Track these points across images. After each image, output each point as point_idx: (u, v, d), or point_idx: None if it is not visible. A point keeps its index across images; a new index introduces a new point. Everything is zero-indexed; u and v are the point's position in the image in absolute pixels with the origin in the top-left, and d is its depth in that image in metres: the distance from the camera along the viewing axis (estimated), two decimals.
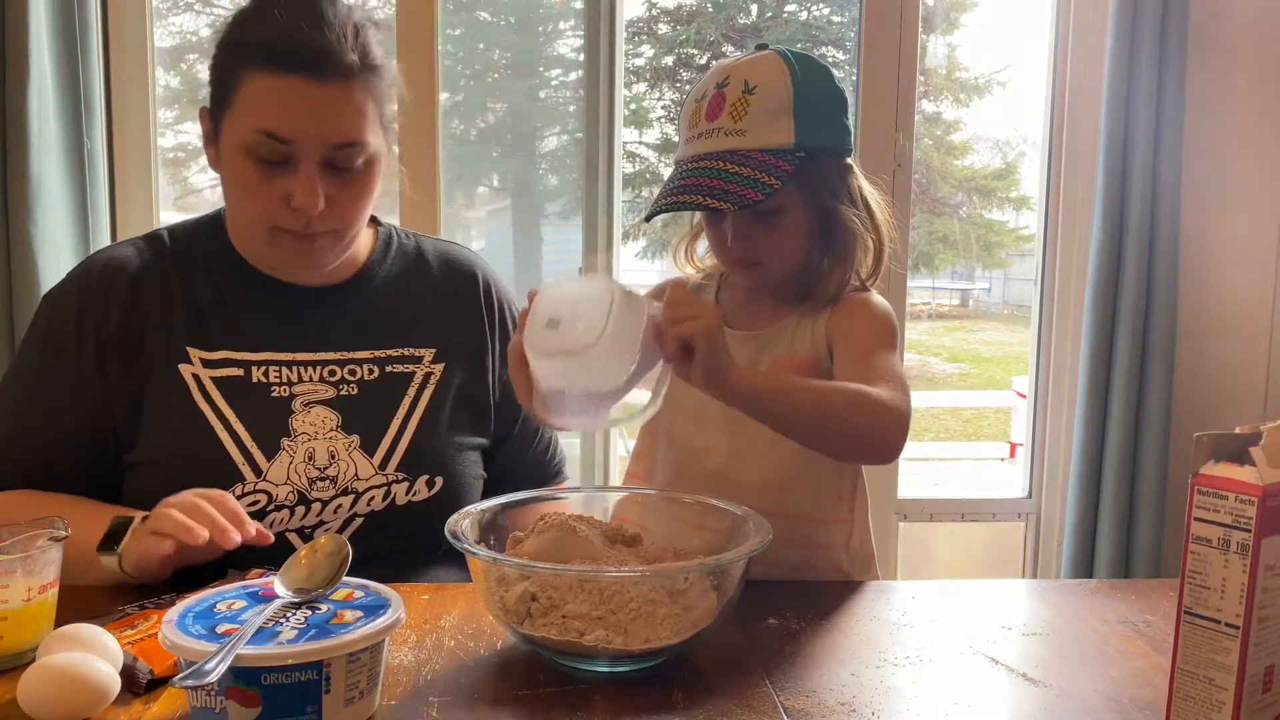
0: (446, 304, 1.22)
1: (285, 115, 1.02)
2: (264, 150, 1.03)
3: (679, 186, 1.04)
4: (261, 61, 1.02)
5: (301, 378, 1.12)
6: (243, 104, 1.03)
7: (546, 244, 2.49)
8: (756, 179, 1.02)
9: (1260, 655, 0.67)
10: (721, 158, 1.04)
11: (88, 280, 1.13)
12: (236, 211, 1.13)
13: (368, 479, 1.11)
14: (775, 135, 1.05)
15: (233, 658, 0.65)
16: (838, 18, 4.62)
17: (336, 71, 1.03)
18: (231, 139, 1.05)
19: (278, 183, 1.04)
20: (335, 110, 1.04)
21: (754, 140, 1.04)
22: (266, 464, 1.08)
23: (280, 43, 1.01)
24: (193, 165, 2.44)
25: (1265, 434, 0.67)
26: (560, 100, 2.52)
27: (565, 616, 0.80)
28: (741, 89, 1.06)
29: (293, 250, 1.10)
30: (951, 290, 9.49)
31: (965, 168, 7.07)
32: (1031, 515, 2.26)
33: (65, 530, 0.84)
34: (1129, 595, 1.03)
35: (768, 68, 1.06)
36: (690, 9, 5.39)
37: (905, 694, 0.80)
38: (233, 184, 1.08)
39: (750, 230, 1.08)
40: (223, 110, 1.06)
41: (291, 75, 1.01)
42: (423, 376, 1.17)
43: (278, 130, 1.02)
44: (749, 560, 0.85)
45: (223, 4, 2.46)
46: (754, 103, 1.05)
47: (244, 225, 1.13)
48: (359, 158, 1.07)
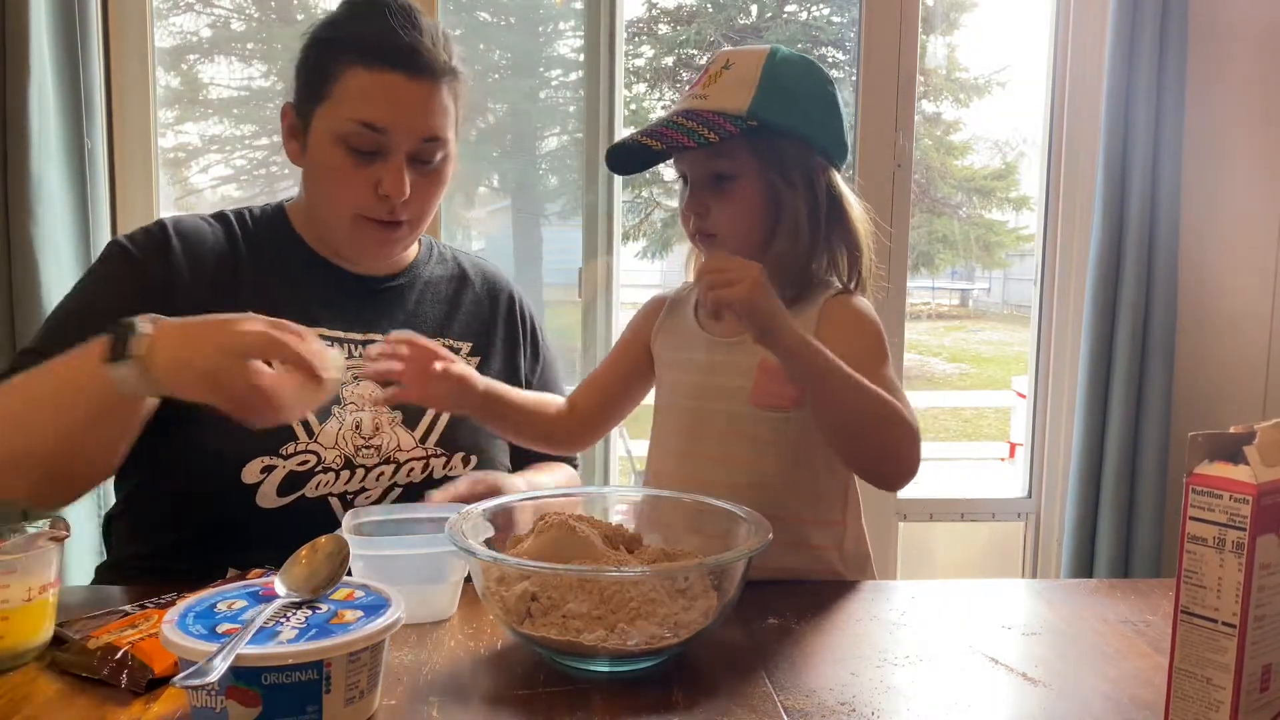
0: (484, 309, 1.31)
1: (382, 107, 1.09)
2: (358, 140, 1.10)
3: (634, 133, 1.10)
4: (361, 57, 1.09)
5: (353, 354, 1.16)
6: (340, 96, 1.10)
7: (546, 244, 2.49)
8: (697, 131, 1.06)
9: (1257, 654, 0.67)
10: (679, 115, 1.09)
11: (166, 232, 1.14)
12: (322, 198, 1.16)
13: (409, 450, 1.16)
14: (731, 101, 1.08)
15: (233, 658, 0.65)
16: (838, 18, 4.62)
17: (428, 70, 1.11)
18: (325, 129, 1.11)
19: (367, 172, 1.11)
20: (425, 106, 1.11)
21: (712, 103, 1.09)
22: (319, 426, 1.11)
23: (380, 40, 1.09)
24: (193, 165, 2.45)
25: (1259, 433, 0.67)
26: (560, 100, 2.52)
27: (565, 616, 0.80)
28: (722, 66, 1.11)
29: (372, 237, 1.16)
30: (951, 290, 9.50)
31: (965, 168, 7.07)
32: (1031, 515, 2.26)
33: (66, 530, 0.85)
34: (1129, 595, 1.03)
35: (753, 53, 1.11)
36: (690, 9, 5.39)
37: (905, 694, 0.80)
38: (321, 172, 1.14)
39: (703, 197, 1.12)
40: (315, 103, 1.12)
41: (389, 71, 1.09)
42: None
43: (375, 120, 1.09)
44: (749, 560, 0.85)
45: (223, 4, 2.47)
46: (725, 76, 1.10)
47: (328, 212, 1.16)
48: (439, 153, 1.15)
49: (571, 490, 1.22)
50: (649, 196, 5.94)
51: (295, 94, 1.16)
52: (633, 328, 1.26)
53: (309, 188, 1.18)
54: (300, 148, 1.16)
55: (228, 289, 1.13)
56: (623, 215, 2.18)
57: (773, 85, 1.09)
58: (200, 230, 1.17)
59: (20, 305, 1.71)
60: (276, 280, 1.17)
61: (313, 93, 1.12)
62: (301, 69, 1.15)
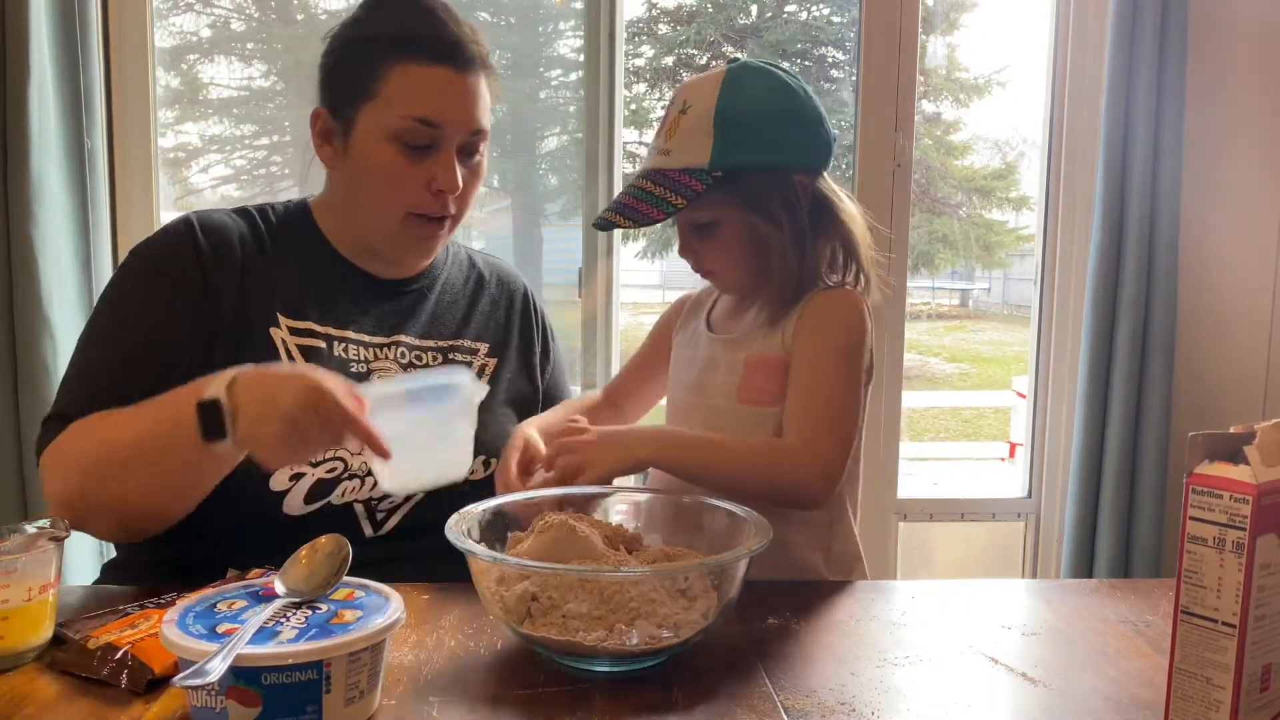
0: (499, 309, 1.33)
1: (435, 102, 1.10)
2: (412, 136, 1.10)
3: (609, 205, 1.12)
4: (409, 53, 1.10)
5: (377, 357, 1.17)
6: (391, 93, 1.10)
7: (546, 244, 2.49)
8: (665, 198, 1.08)
9: (1258, 654, 0.67)
10: (648, 176, 1.11)
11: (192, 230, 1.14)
12: (371, 198, 1.15)
13: None
14: (694, 155, 1.09)
15: (233, 657, 0.65)
16: (838, 18, 4.62)
17: (472, 63, 1.12)
18: (374, 128, 1.11)
19: (419, 168, 1.12)
20: (472, 99, 1.13)
21: (676, 160, 1.10)
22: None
23: (427, 36, 1.10)
24: (193, 165, 2.44)
25: (1259, 433, 0.67)
26: (560, 100, 2.52)
27: (565, 616, 0.80)
28: (679, 109, 1.11)
29: (421, 234, 1.17)
30: (951, 290, 9.49)
31: (965, 168, 7.07)
32: (1031, 515, 2.26)
33: (66, 530, 0.85)
34: (1129, 595, 1.03)
35: (705, 88, 1.11)
36: (690, 9, 5.39)
37: (905, 694, 0.80)
38: (371, 172, 1.13)
39: (691, 243, 1.15)
40: (359, 103, 1.11)
41: (438, 65, 1.10)
42: (479, 367, 1.25)
43: (430, 115, 1.10)
44: (749, 560, 0.85)
45: (223, 4, 2.46)
46: (683, 123, 1.10)
47: (377, 211, 1.15)
48: (482, 145, 1.17)
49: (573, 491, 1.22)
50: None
51: (329, 97, 1.15)
52: (659, 325, 1.31)
53: (352, 189, 1.16)
54: (337, 151, 1.15)
55: (255, 287, 1.13)
56: None
57: (729, 125, 1.08)
58: (225, 225, 1.16)
59: (20, 305, 1.71)
60: (302, 280, 1.17)
61: (355, 93, 1.11)
62: (336, 70, 1.14)
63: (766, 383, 1.12)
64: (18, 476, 1.74)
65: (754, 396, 1.12)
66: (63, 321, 1.74)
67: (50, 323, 1.72)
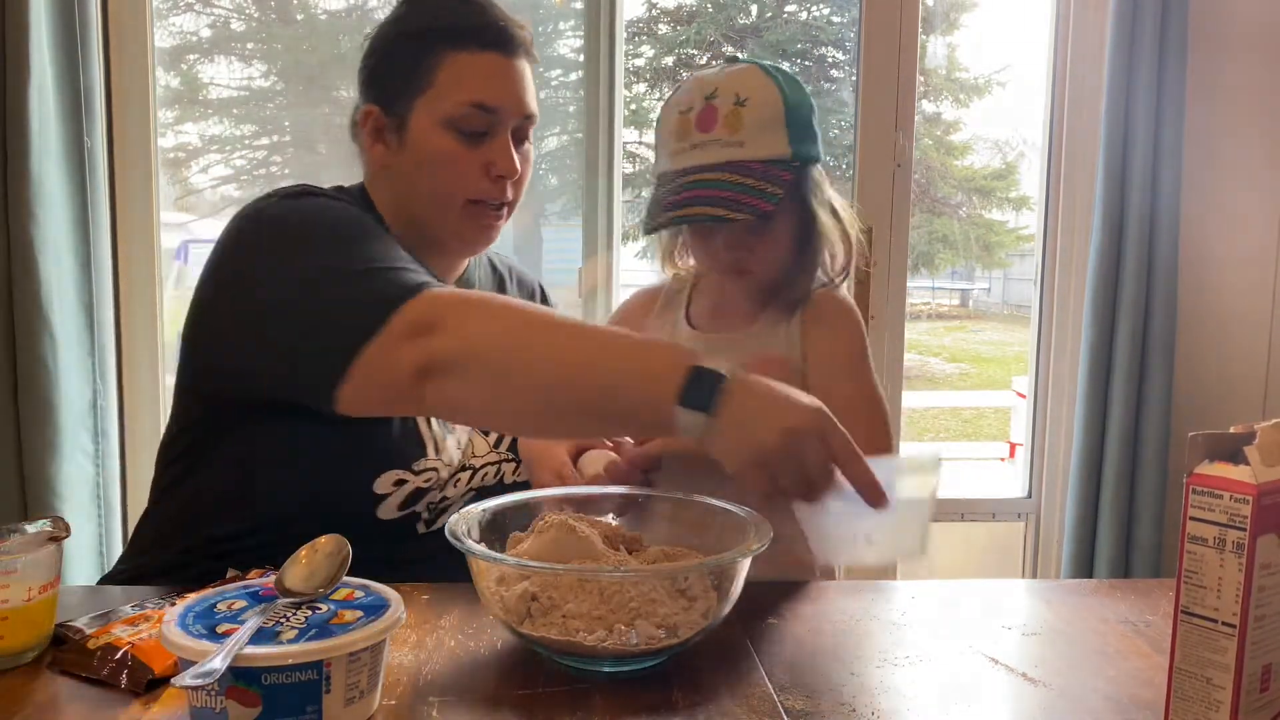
0: None
1: (490, 87, 1.12)
2: (469, 122, 1.12)
3: (687, 199, 1.06)
4: (460, 42, 1.12)
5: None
6: (445, 82, 1.12)
7: (546, 244, 2.49)
8: (762, 189, 1.05)
9: (1258, 654, 0.67)
10: (723, 169, 1.06)
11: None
12: (432, 189, 1.15)
13: (484, 455, 1.18)
14: (773, 146, 1.08)
15: (233, 658, 0.65)
16: (838, 18, 4.63)
17: (518, 48, 1.15)
18: (430, 118, 1.12)
19: (476, 154, 1.13)
20: (523, 83, 1.16)
21: (752, 151, 1.07)
22: (443, 442, 1.14)
23: (476, 24, 1.12)
24: (193, 165, 2.44)
25: (1260, 433, 0.67)
26: (560, 100, 2.52)
27: (565, 616, 0.80)
28: (732, 101, 1.08)
29: (482, 223, 1.17)
30: (951, 290, 9.49)
31: (965, 168, 7.07)
32: (1031, 515, 2.26)
33: (66, 530, 0.85)
34: (1129, 595, 1.03)
35: (754, 81, 1.09)
36: (690, 9, 5.39)
37: (905, 694, 0.80)
38: (430, 161, 1.14)
39: (743, 239, 1.11)
40: (415, 95, 1.13)
41: (489, 52, 1.13)
42: None
43: (486, 100, 1.12)
44: (749, 560, 0.85)
45: (223, 4, 2.46)
46: (746, 115, 1.07)
47: (438, 202, 1.15)
48: (531, 130, 1.19)
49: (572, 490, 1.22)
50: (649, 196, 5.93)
51: (380, 93, 1.16)
52: (623, 320, 1.27)
53: (410, 182, 1.16)
54: (391, 146, 1.15)
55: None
56: (623, 215, 2.18)
57: (796, 117, 1.09)
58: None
59: (20, 305, 1.71)
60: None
61: (409, 86, 1.13)
62: (386, 67, 1.15)
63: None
64: (18, 476, 1.74)
65: None
66: (63, 321, 1.74)
67: (50, 323, 1.71)
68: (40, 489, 1.71)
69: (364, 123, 1.17)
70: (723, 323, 1.18)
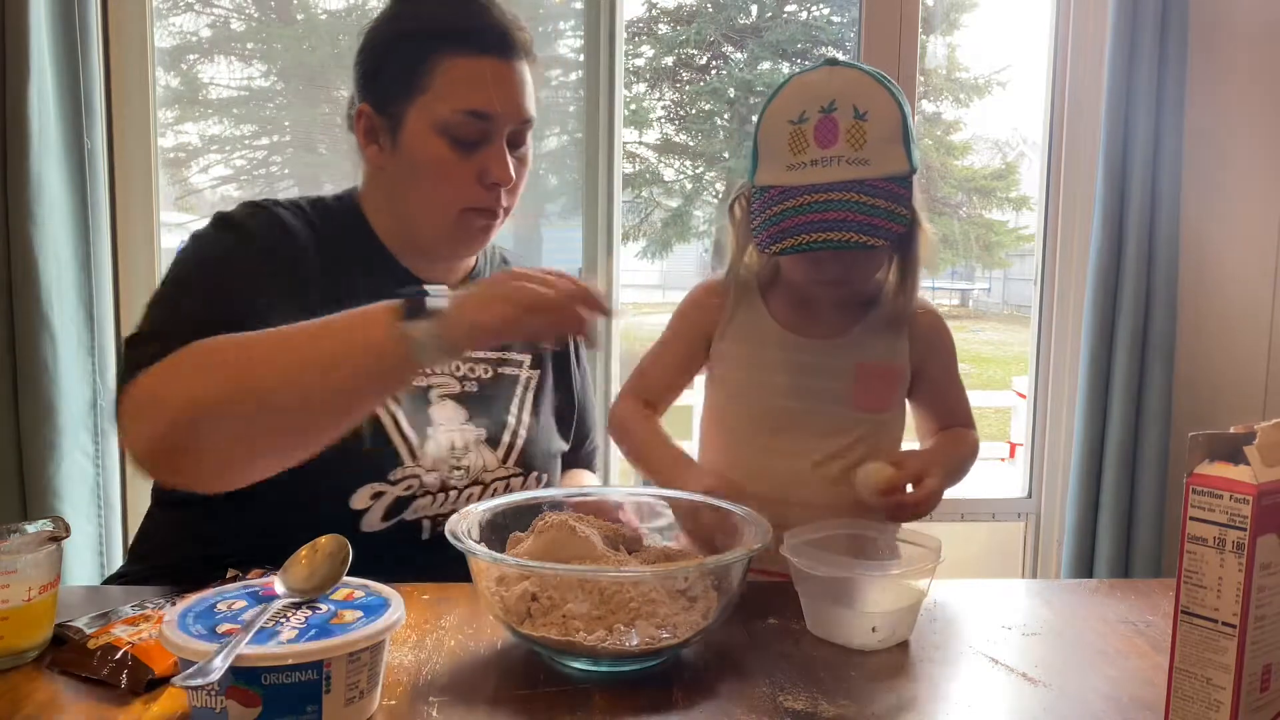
0: None
1: (485, 94, 1.09)
2: (463, 130, 1.09)
3: (816, 221, 1.02)
4: (457, 45, 1.09)
5: (434, 371, 1.15)
6: (440, 87, 1.09)
7: (546, 244, 2.49)
8: (892, 210, 1.02)
9: (1258, 654, 0.67)
10: (850, 188, 1.03)
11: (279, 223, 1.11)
12: (425, 195, 1.13)
13: (494, 471, 1.16)
14: (896, 163, 1.05)
15: (233, 658, 0.65)
16: (838, 18, 4.63)
17: (518, 51, 1.12)
18: (424, 122, 1.10)
19: (470, 162, 1.11)
20: (520, 88, 1.12)
21: (878, 169, 1.04)
22: (420, 449, 1.11)
23: (473, 27, 1.09)
24: (193, 165, 2.44)
25: (1259, 433, 0.67)
26: (560, 100, 2.52)
27: (565, 616, 0.80)
28: (852, 114, 1.04)
29: (477, 229, 1.16)
30: (951, 290, 9.49)
31: (965, 168, 7.07)
32: (1031, 515, 2.26)
33: (66, 530, 0.85)
34: (1129, 595, 1.03)
35: (871, 92, 1.06)
36: (690, 9, 5.39)
37: (905, 694, 0.80)
38: (422, 167, 1.11)
39: (854, 257, 1.08)
40: (409, 98, 1.10)
41: (485, 56, 1.09)
42: (525, 379, 1.23)
43: (480, 107, 1.09)
44: (749, 560, 0.85)
45: (223, 4, 2.46)
46: (869, 130, 1.04)
47: (431, 208, 1.13)
48: (529, 133, 1.16)
49: (572, 491, 1.22)
50: (649, 196, 5.94)
51: (373, 94, 1.13)
52: (692, 321, 1.22)
53: (403, 187, 1.14)
54: (384, 148, 1.13)
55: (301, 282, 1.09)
56: (623, 215, 2.18)
57: (910, 129, 1.07)
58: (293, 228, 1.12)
59: (20, 305, 1.71)
60: (350, 283, 1.11)
61: (403, 88, 1.10)
62: (380, 67, 1.12)
63: (885, 390, 1.16)
64: (18, 476, 1.74)
65: (873, 404, 1.15)
66: (62, 322, 1.74)
67: (50, 323, 1.71)
68: (40, 489, 1.71)
69: (356, 122, 1.14)
70: (814, 327, 1.16)
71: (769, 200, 1.06)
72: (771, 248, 1.04)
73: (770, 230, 1.04)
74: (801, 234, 1.02)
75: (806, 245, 1.02)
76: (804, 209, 1.03)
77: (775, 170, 1.08)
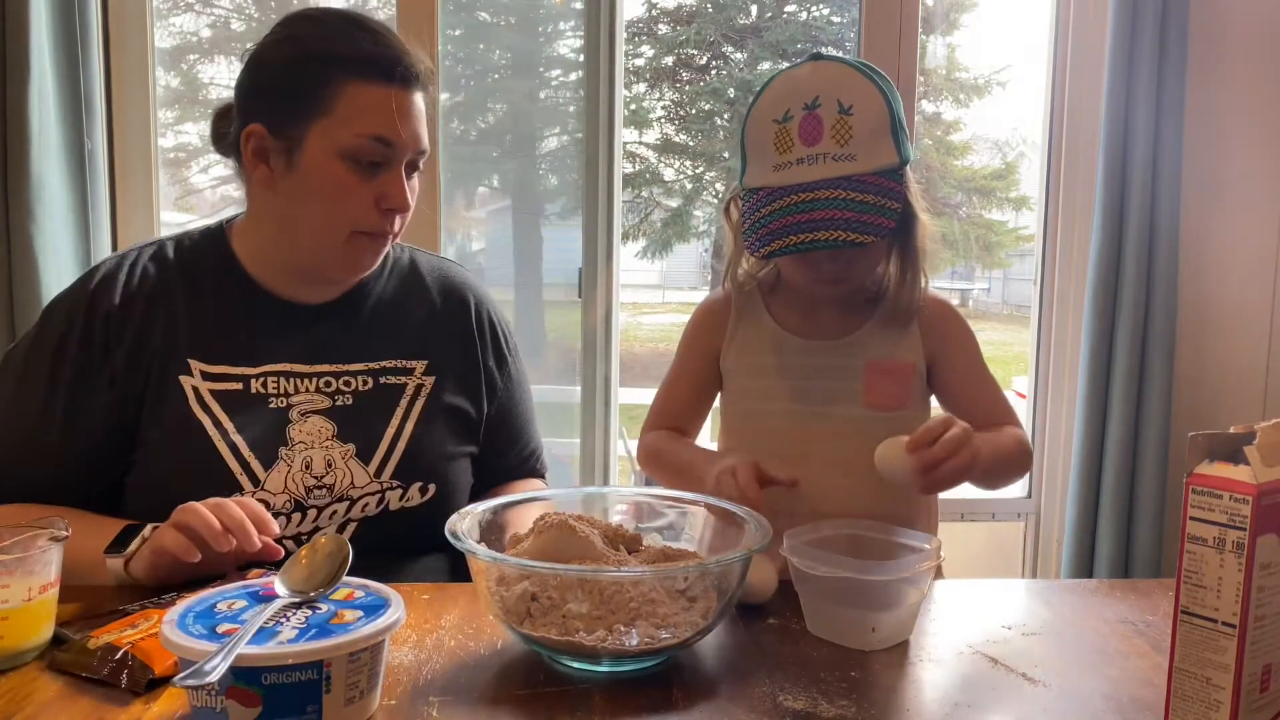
0: (441, 324, 1.25)
1: (390, 120, 1.09)
2: (366, 154, 1.09)
3: (804, 221, 1.01)
4: (363, 72, 1.08)
5: (299, 389, 1.14)
6: (346, 111, 1.08)
7: (546, 244, 2.49)
8: (882, 205, 1.01)
9: (1257, 654, 0.67)
10: (837, 185, 1.02)
11: (94, 288, 1.13)
12: (318, 217, 1.12)
13: (363, 486, 1.13)
14: (883, 156, 1.04)
15: (233, 658, 0.65)
16: (838, 18, 4.63)
17: (418, 81, 1.12)
18: (327, 145, 1.09)
19: (368, 187, 1.10)
20: (420, 118, 1.13)
21: (865, 164, 1.03)
22: (264, 474, 1.10)
23: (379, 55, 1.09)
24: (193, 165, 2.44)
25: (1259, 433, 0.67)
26: (560, 100, 2.52)
27: (565, 616, 0.80)
28: (836, 109, 1.03)
29: (364, 252, 1.15)
30: (951, 290, 9.50)
31: (965, 168, 7.07)
32: (1031, 515, 2.26)
33: (65, 530, 0.85)
34: (1129, 595, 1.03)
35: (854, 85, 1.04)
36: (690, 9, 5.39)
37: (906, 694, 0.80)
38: (319, 190, 1.10)
39: (848, 253, 1.07)
40: (310, 119, 1.08)
41: (390, 85, 1.09)
42: (414, 388, 1.20)
43: (385, 134, 1.09)
44: (749, 560, 0.85)
45: (223, 4, 2.47)
46: (854, 124, 1.03)
47: (323, 231, 1.12)
48: (422, 162, 1.15)
49: (571, 491, 1.22)
50: (649, 196, 5.94)
51: (267, 113, 1.10)
52: (700, 342, 1.22)
53: (293, 208, 1.12)
54: (276, 170, 1.11)
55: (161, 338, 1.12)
56: (623, 215, 2.18)
57: (898, 120, 1.05)
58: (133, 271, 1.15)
59: (20, 305, 1.71)
60: (216, 319, 1.15)
61: (304, 110, 1.08)
62: (278, 87, 1.10)
63: (896, 387, 1.14)
64: None
65: (884, 401, 1.13)
66: None
67: None
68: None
69: (245, 143, 1.12)
70: (820, 329, 1.16)
71: (758, 202, 1.06)
72: (761, 250, 1.03)
73: (760, 233, 1.03)
74: (790, 235, 1.01)
75: (796, 247, 1.01)
76: (791, 209, 1.02)
77: (762, 171, 1.07)
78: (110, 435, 1.10)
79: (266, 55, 1.12)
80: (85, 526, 1.02)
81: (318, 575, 0.79)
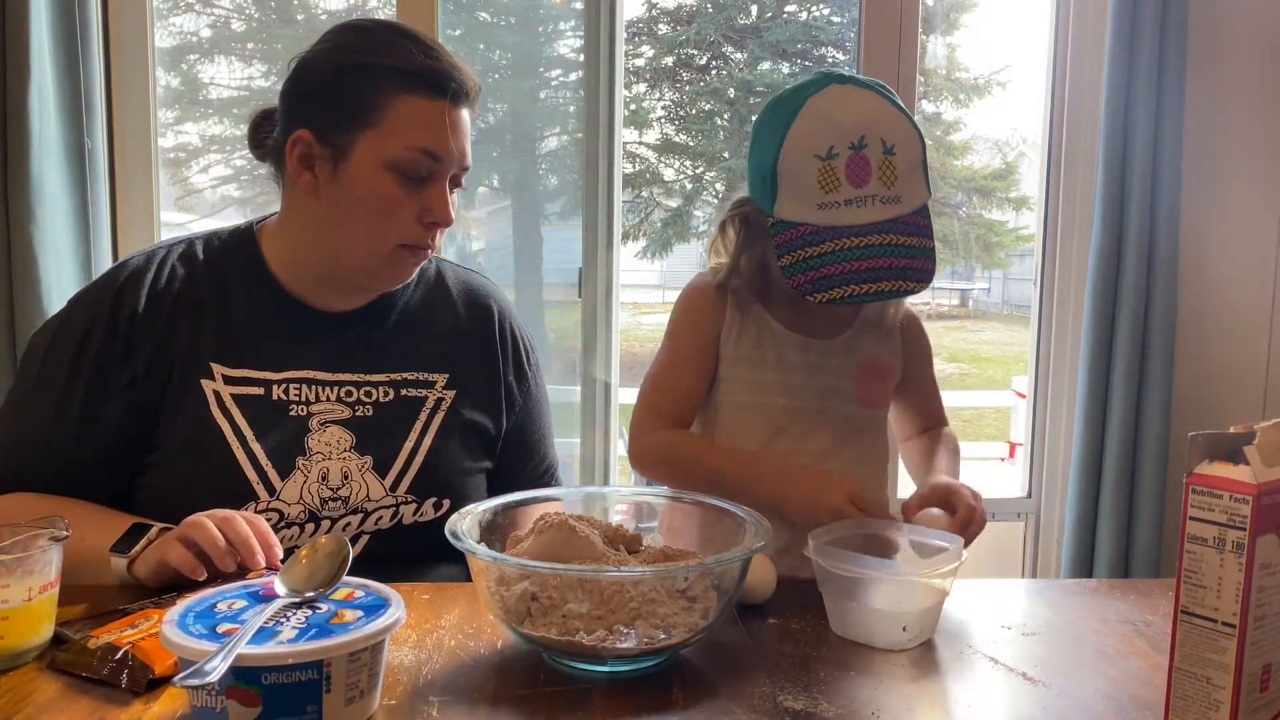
0: (464, 336, 1.24)
1: (440, 135, 1.09)
2: (414, 167, 1.09)
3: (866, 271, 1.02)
4: (415, 86, 1.08)
5: (320, 397, 1.13)
6: (397, 124, 1.08)
7: (546, 244, 2.49)
8: (924, 246, 1.05)
9: (1257, 654, 0.67)
10: (885, 229, 1.04)
11: (120, 285, 1.12)
12: (363, 228, 1.11)
13: (378, 500, 1.13)
14: (921, 194, 1.07)
15: (233, 657, 0.65)
16: (838, 18, 4.63)
17: (468, 99, 1.13)
18: (375, 156, 1.08)
19: (413, 200, 1.10)
20: (467, 133, 1.13)
21: (908, 204, 1.05)
22: (280, 483, 1.10)
23: (431, 70, 1.09)
24: (193, 165, 2.44)
25: (1259, 433, 0.67)
26: (560, 100, 2.52)
27: (565, 616, 0.80)
28: (881, 149, 1.04)
29: (405, 264, 1.15)
30: (951, 290, 9.50)
31: (965, 168, 7.08)
32: (1031, 515, 2.26)
33: (65, 530, 0.85)
34: (1129, 595, 1.03)
35: (894, 122, 1.06)
36: (690, 9, 5.39)
37: (906, 694, 0.80)
38: (365, 200, 1.10)
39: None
40: (359, 129, 1.08)
41: (440, 99, 1.09)
42: (434, 401, 1.19)
43: (434, 148, 1.09)
44: (749, 560, 0.85)
45: (223, 4, 2.46)
46: (898, 164, 1.05)
47: (368, 242, 1.11)
48: (464, 178, 1.16)
49: (571, 491, 1.22)
50: (649, 196, 5.94)
51: (316, 120, 1.10)
52: (699, 326, 1.20)
53: (336, 217, 1.11)
54: (322, 176, 1.10)
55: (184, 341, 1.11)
56: (623, 215, 2.18)
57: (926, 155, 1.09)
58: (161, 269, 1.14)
59: (20, 305, 1.71)
60: (241, 322, 1.14)
61: (354, 120, 1.08)
62: (329, 95, 1.10)
63: (882, 386, 1.21)
64: None
65: (874, 400, 1.21)
66: None
67: None
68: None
69: (291, 149, 1.11)
70: (813, 327, 1.19)
71: (799, 239, 1.05)
72: (819, 296, 1.03)
73: (809, 275, 1.03)
74: (850, 285, 1.02)
75: (860, 297, 1.02)
76: (844, 254, 1.03)
77: (804, 207, 1.06)
78: (125, 438, 1.10)
79: (315, 63, 1.12)
80: (94, 519, 1.02)
81: (318, 575, 0.79)
